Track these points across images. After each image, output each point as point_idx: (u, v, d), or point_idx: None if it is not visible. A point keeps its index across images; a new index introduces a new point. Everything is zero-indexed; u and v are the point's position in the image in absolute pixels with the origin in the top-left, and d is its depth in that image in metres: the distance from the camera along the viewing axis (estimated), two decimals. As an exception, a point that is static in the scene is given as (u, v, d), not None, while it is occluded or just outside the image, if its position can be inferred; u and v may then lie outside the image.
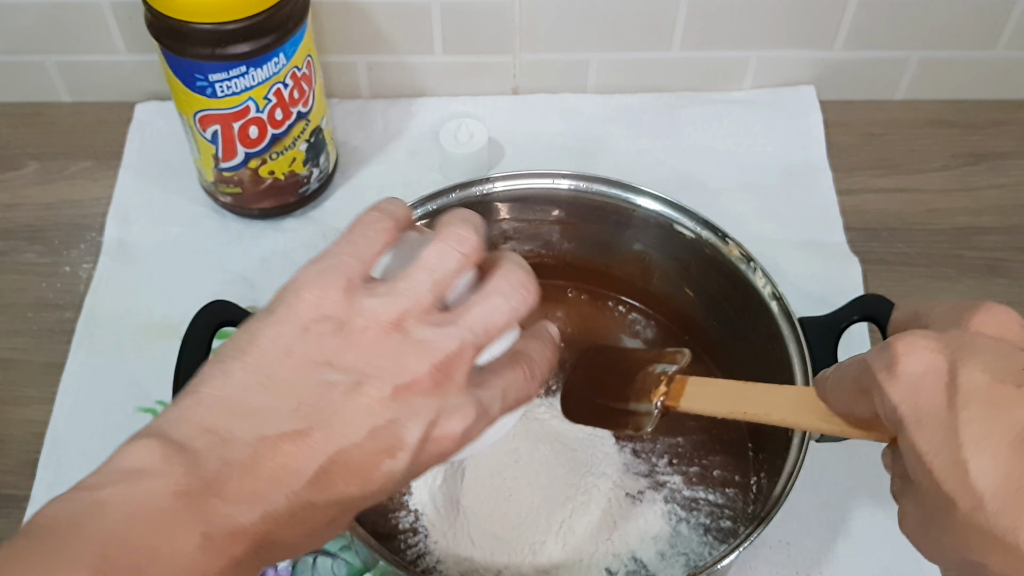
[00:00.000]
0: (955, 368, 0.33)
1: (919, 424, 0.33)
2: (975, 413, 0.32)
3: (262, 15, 0.64)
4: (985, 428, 0.32)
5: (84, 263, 0.76)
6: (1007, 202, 0.81)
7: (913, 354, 0.34)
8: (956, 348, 0.34)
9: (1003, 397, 0.32)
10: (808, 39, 0.83)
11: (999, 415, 0.32)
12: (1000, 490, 0.31)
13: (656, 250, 0.67)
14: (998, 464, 0.31)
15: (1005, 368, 0.33)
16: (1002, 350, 0.34)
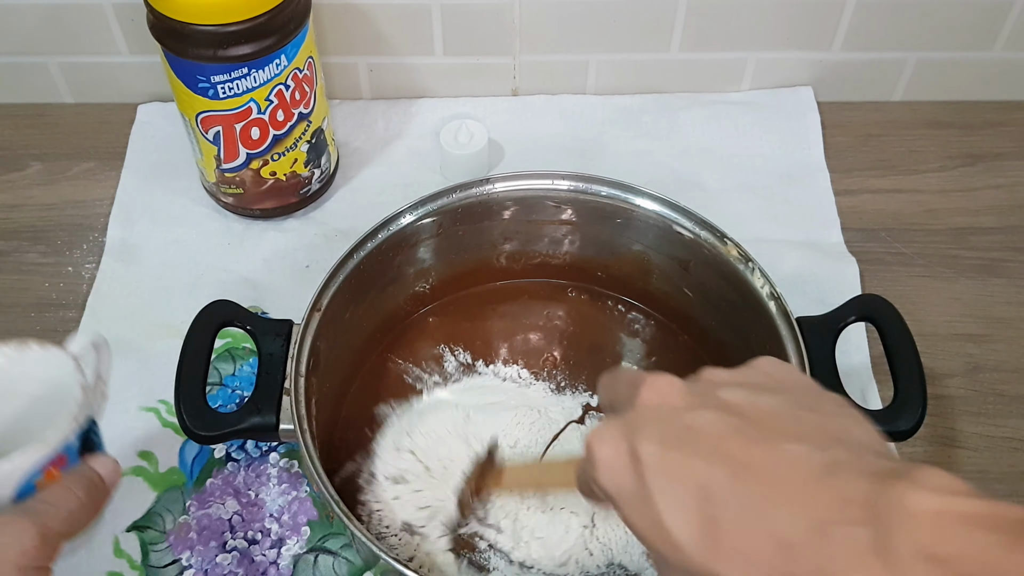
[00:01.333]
0: (634, 447, 0.38)
1: (625, 502, 0.38)
2: (660, 482, 0.37)
3: (264, 17, 0.65)
4: (669, 495, 0.36)
5: (87, 263, 0.77)
6: (1005, 202, 0.81)
7: (602, 444, 0.39)
8: (631, 428, 0.38)
9: (673, 461, 0.37)
10: (806, 40, 0.84)
11: (676, 478, 0.36)
12: (694, 542, 0.35)
13: (655, 250, 0.67)
14: (688, 521, 0.35)
15: (666, 433, 0.37)
16: (661, 415, 0.39)
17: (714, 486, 0.36)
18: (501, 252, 0.71)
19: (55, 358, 0.51)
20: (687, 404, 0.39)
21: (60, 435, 0.48)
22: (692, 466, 0.36)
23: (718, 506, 0.35)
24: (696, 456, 0.37)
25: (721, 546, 0.35)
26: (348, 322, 0.65)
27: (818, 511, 0.34)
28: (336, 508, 0.51)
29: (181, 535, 0.62)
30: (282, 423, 0.57)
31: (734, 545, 0.35)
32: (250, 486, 0.64)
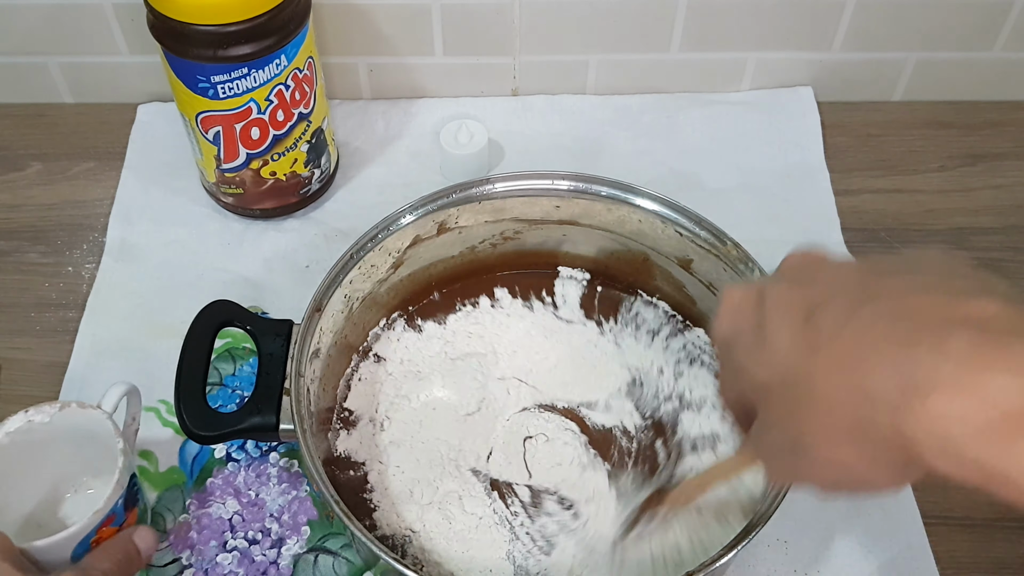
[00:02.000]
0: (763, 292, 0.39)
1: (738, 340, 0.39)
2: (775, 312, 0.37)
3: (263, 17, 0.65)
4: (782, 318, 0.37)
5: (87, 263, 0.77)
6: (1004, 202, 0.81)
7: (730, 292, 0.41)
8: (765, 282, 0.40)
9: (796, 294, 0.37)
10: (806, 40, 0.84)
11: (793, 306, 0.37)
12: (796, 351, 0.35)
13: (655, 250, 0.67)
14: (793, 336, 0.36)
15: (798, 276, 0.39)
16: (799, 268, 0.40)
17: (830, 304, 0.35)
18: (501, 252, 0.71)
19: (92, 416, 0.57)
20: (828, 261, 0.40)
21: (110, 502, 0.54)
22: (811, 294, 0.36)
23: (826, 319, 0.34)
24: (821, 287, 0.36)
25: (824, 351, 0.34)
26: (348, 321, 0.65)
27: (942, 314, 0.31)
28: (336, 508, 0.51)
29: (181, 534, 0.62)
30: (282, 423, 0.57)
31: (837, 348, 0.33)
32: (250, 486, 0.64)
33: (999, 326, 0.30)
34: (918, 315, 0.32)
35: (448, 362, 0.67)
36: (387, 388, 0.66)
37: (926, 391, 0.30)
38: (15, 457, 0.56)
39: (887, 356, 0.31)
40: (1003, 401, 0.29)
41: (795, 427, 0.35)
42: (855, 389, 0.32)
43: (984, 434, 0.29)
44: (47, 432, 0.57)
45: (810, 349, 0.34)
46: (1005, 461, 0.29)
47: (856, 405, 0.32)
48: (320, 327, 0.60)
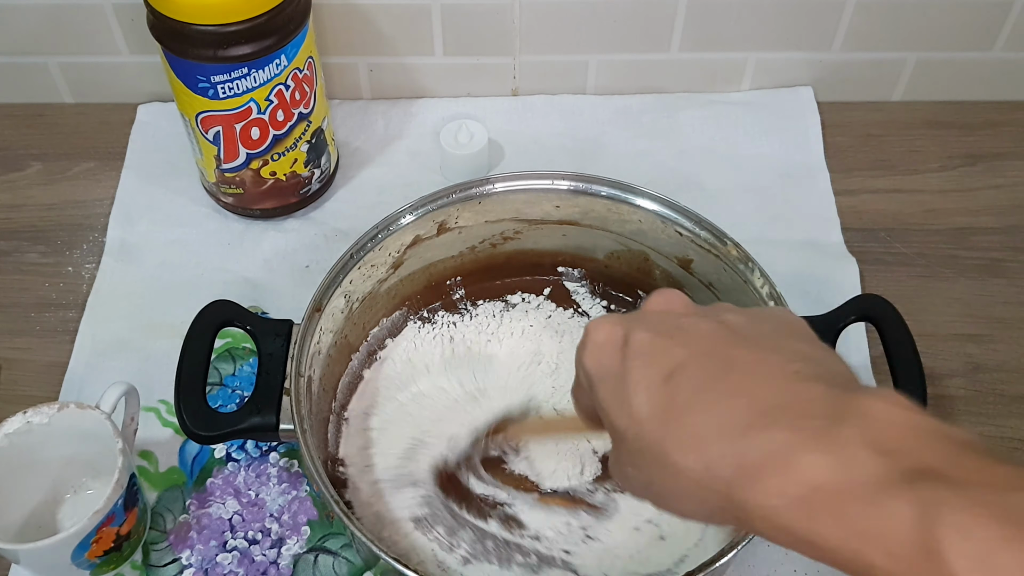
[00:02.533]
0: (628, 334, 0.41)
1: (602, 380, 0.41)
2: (637, 363, 0.40)
3: (263, 17, 0.65)
4: (643, 372, 0.39)
5: (87, 263, 0.77)
6: (1004, 202, 0.81)
7: (598, 329, 0.42)
8: (630, 321, 0.42)
9: (659, 346, 0.40)
10: (806, 41, 0.84)
11: (654, 361, 0.39)
12: (652, 415, 0.38)
13: (655, 250, 0.67)
14: (651, 397, 0.38)
15: (661, 325, 0.41)
16: (663, 316, 0.42)
17: (684, 370, 0.38)
18: (501, 252, 0.71)
19: (90, 416, 0.57)
20: (688, 312, 0.43)
21: (109, 503, 0.54)
22: (672, 352, 0.39)
23: (681, 386, 0.38)
24: (679, 346, 0.39)
25: (675, 423, 0.37)
26: (348, 321, 0.65)
27: (775, 401, 0.36)
28: (336, 508, 0.51)
29: (181, 534, 0.62)
30: (282, 423, 0.57)
31: (687, 423, 0.37)
32: (250, 486, 0.64)
33: (819, 410, 0.35)
34: (755, 400, 0.36)
35: (448, 361, 0.67)
36: (385, 387, 0.66)
37: (755, 470, 0.34)
38: (14, 458, 0.57)
39: (727, 436, 0.36)
40: (810, 477, 0.33)
41: (646, 476, 0.39)
42: (699, 461, 0.36)
43: (793, 506, 0.33)
44: (46, 433, 0.57)
45: (664, 417, 0.38)
46: (807, 528, 0.33)
47: (699, 475, 0.36)
48: (320, 327, 0.60)
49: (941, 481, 0.31)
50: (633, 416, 0.39)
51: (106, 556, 0.57)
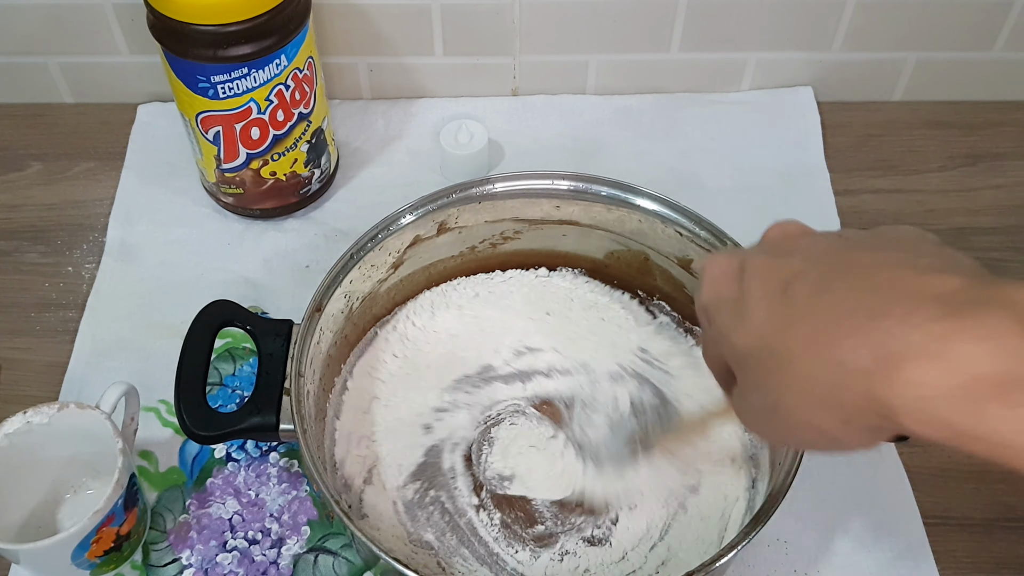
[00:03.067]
0: (744, 262, 0.40)
1: (720, 309, 0.40)
2: (755, 283, 0.39)
3: (264, 17, 0.65)
4: (761, 289, 0.38)
5: (87, 263, 0.77)
6: (1005, 202, 0.81)
7: (713, 262, 0.42)
8: (746, 251, 0.42)
9: (775, 264, 0.39)
10: (806, 41, 0.84)
11: (772, 276, 0.38)
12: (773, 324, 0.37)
13: (655, 250, 0.67)
14: (771, 307, 0.37)
15: (777, 248, 0.41)
16: (779, 240, 0.42)
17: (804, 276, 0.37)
18: (501, 252, 0.71)
19: (90, 416, 0.57)
20: (807, 232, 0.42)
21: (109, 503, 0.54)
22: (789, 265, 0.38)
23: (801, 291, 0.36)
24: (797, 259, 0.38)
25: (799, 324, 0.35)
26: (348, 321, 0.65)
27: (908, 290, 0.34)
28: (336, 508, 0.51)
29: (181, 534, 0.62)
30: (282, 423, 0.57)
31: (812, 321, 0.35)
32: (250, 486, 0.64)
33: (961, 298, 0.32)
34: (887, 289, 0.34)
35: (447, 361, 0.67)
36: (383, 385, 0.66)
37: (897, 360, 0.32)
38: (14, 459, 0.57)
39: (859, 328, 0.33)
40: (969, 366, 0.31)
41: (773, 393, 0.37)
42: (829, 359, 0.34)
43: (954, 397, 0.31)
44: (46, 433, 0.57)
45: (786, 321, 0.36)
46: (973, 421, 0.31)
47: (830, 374, 0.34)
48: (320, 327, 0.60)
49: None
50: (753, 331, 0.37)
51: (106, 556, 0.57)
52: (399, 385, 0.66)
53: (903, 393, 0.32)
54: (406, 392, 0.65)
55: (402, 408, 0.65)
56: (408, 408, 0.65)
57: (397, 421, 0.64)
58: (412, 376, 0.66)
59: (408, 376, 0.66)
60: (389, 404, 0.65)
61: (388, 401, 0.65)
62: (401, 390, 0.66)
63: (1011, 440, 0.30)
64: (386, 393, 0.65)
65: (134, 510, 0.57)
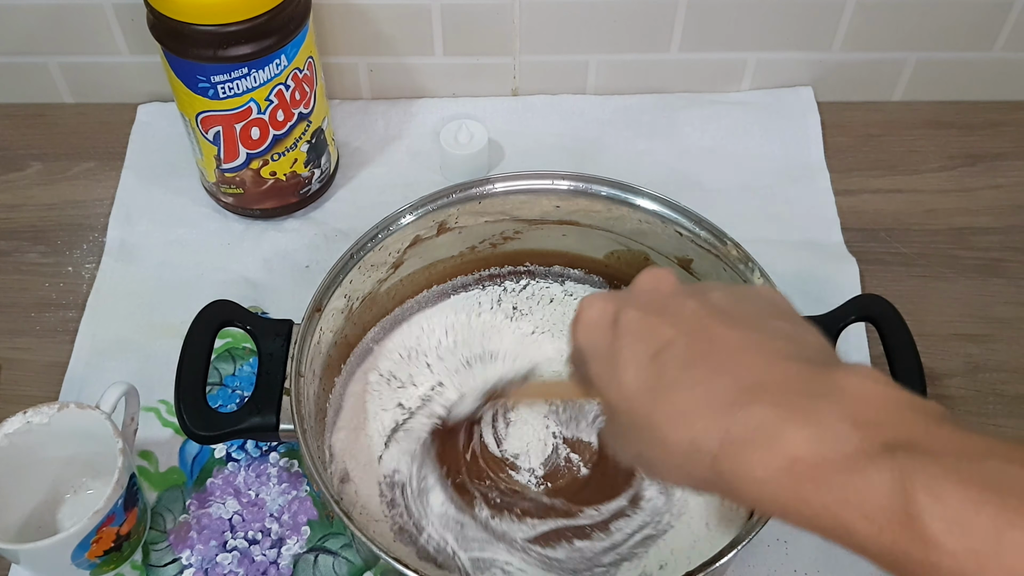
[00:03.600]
0: (618, 312, 0.43)
1: (593, 357, 0.44)
2: (627, 341, 0.42)
3: (264, 17, 0.65)
4: (632, 350, 0.41)
5: (87, 263, 0.77)
6: (1004, 202, 0.81)
7: (591, 307, 0.45)
8: (621, 299, 0.44)
9: (647, 325, 0.42)
10: (806, 41, 0.84)
11: (643, 339, 0.41)
12: (641, 391, 0.40)
13: (655, 250, 0.67)
14: (639, 373, 0.41)
15: (650, 305, 0.43)
16: (652, 295, 0.44)
17: (671, 348, 0.40)
18: (501, 252, 0.71)
19: (90, 416, 0.57)
20: (677, 292, 0.44)
21: (109, 503, 0.54)
22: (660, 331, 0.41)
23: (668, 364, 0.40)
24: (668, 324, 0.41)
25: (663, 399, 0.39)
26: (348, 321, 0.65)
27: (757, 378, 0.38)
28: (336, 508, 0.51)
29: (181, 534, 0.62)
30: (282, 423, 0.57)
31: (675, 399, 0.39)
32: (250, 486, 0.64)
33: (797, 387, 0.37)
34: (739, 377, 0.38)
35: (447, 360, 0.67)
36: (383, 386, 0.66)
37: (738, 445, 0.36)
38: (14, 459, 0.57)
39: (712, 415, 0.38)
40: (791, 450, 0.35)
41: (636, 447, 0.42)
42: (686, 437, 0.38)
43: (779, 479, 0.35)
44: (46, 433, 0.57)
45: (652, 392, 0.40)
46: (794, 499, 0.35)
47: (686, 450, 0.38)
48: (320, 327, 0.60)
49: (916, 451, 0.33)
50: (623, 392, 0.41)
51: (106, 556, 0.57)
52: (398, 385, 0.66)
53: (740, 474, 0.36)
54: (404, 392, 0.66)
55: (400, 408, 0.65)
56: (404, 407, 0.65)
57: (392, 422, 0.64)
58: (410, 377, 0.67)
59: (406, 377, 0.67)
60: (387, 406, 0.65)
61: (386, 403, 0.65)
62: (400, 390, 0.66)
63: (823, 514, 0.34)
64: (385, 393, 0.66)
65: (134, 510, 0.57)
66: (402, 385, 0.66)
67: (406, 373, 0.67)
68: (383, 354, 0.68)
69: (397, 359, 0.68)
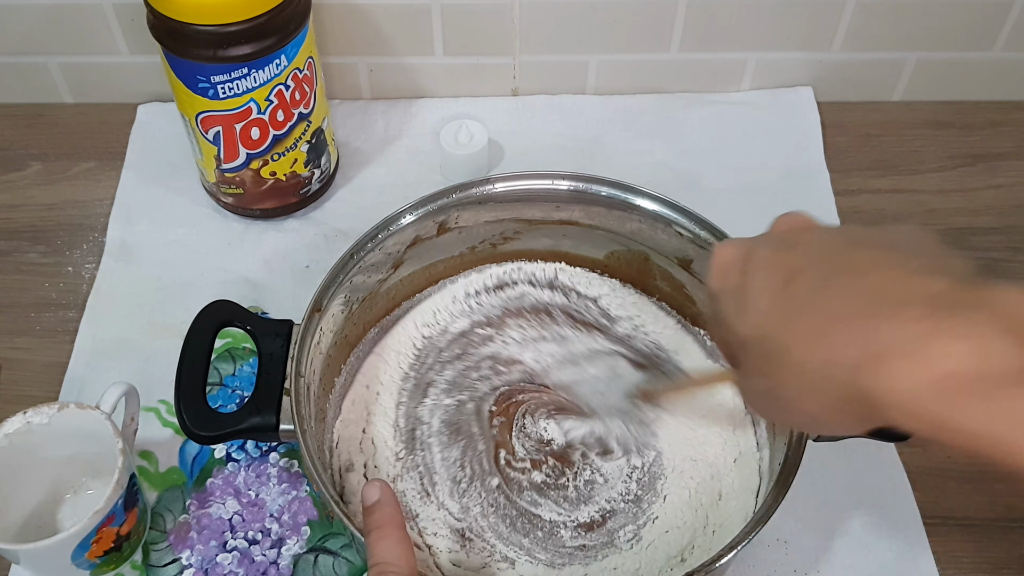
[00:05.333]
0: (750, 252, 0.43)
1: (725, 295, 0.43)
2: (758, 274, 0.41)
3: (264, 17, 0.65)
4: (764, 281, 0.41)
5: (87, 263, 0.77)
6: (1004, 202, 0.81)
7: (723, 249, 0.45)
8: (754, 241, 0.44)
9: (779, 258, 0.41)
10: (806, 41, 0.84)
11: (775, 269, 0.41)
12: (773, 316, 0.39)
13: (655, 250, 0.67)
14: (772, 299, 0.40)
15: (783, 242, 0.42)
16: (784, 233, 0.44)
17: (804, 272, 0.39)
18: (501, 252, 0.71)
19: (90, 416, 0.57)
20: (810, 227, 0.43)
21: (109, 503, 0.54)
22: (792, 260, 0.40)
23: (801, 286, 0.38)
24: (799, 254, 0.40)
25: (796, 318, 0.38)
26: (348, 321, 0.65)
27: (898, 291, 0.36)
28: (336, 508, 0.51)
29: (181, 534, 0.62)
30: (282, 423, 0.57)
31: (808, 316, 0.37)
32: (250, 486, 0.64)
33: (944, 300, 0.35)
34: (878, 289, 0.37)
35: (448, 360, 0.67)
36: (383, 384, 0.66)
37: (881, 357, 0.35)
38: (14, 459, 0.57)
39: (849, 326, 0.36)
40: (945, 363, 0.33)
41: (771, 380, 0.40)
42: (822, 354, 0.37)
43: (930, 391, 0.33)
44: (46, 433, 0.57)
45: (785, 315, 0.39)
46: (948, 413, 0.33)
47: (823, 367, 0.37)
48: (320, 327, 0.60)
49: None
50: (755, 321, 0.40)
51: (106, 556, 0.57)
52: (398, 386, 0.66)
53: (885, 387, 0.34)
54: (404, 392, 0.66)
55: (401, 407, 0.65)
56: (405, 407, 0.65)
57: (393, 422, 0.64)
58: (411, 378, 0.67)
59: (407, 378, 0.67)
60: (387, 410, 0.65)
61: (386, 406, 0.65)
62: (400, 391, 0.66)
63: (983, 431, 0.32)
64: (386, 394, 0.66)
65: (134, 510, 0.57)
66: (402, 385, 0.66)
67: (406, 373, 0.67)
68: (383, 354, 0.68)
69: (397, 359, 0.68)
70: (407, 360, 0.67)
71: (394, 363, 0.67)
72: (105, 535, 0.55)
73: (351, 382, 0.66)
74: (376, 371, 0.67)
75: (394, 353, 0.68)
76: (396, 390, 0.66)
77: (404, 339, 0.68)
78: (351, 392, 0.66)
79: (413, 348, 0.68)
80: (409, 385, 0.66)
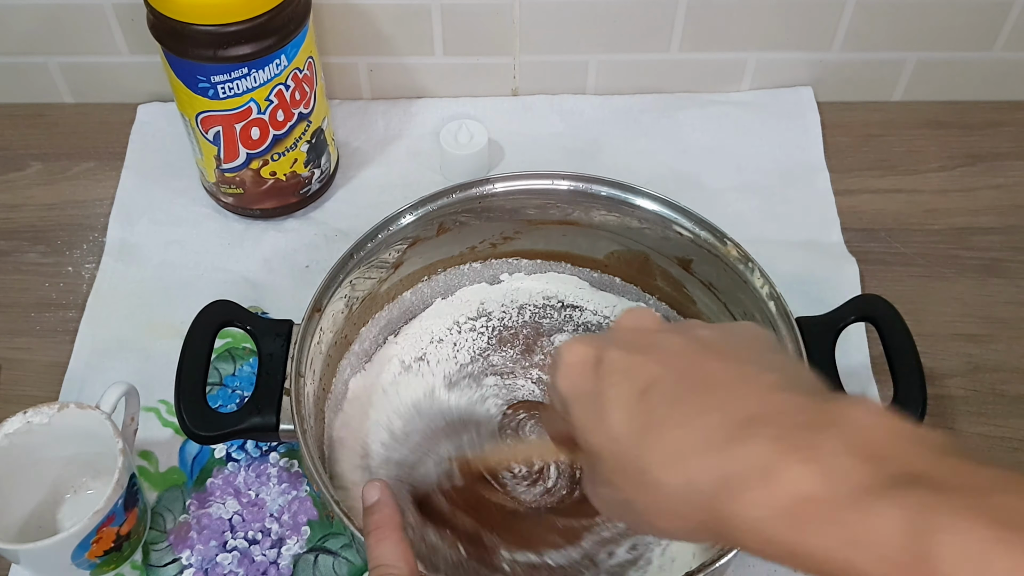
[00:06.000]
0: (600, 353, 0.41)
1: (576, 400, 0.41)
2: (612, 380, 0.39)
3: (264, 17, 0.65)
4: (619, 389, 0.39)
5: (87, 263, 0.77)
6: (1004, 202, 0.81)
7: (571, 350, 0.42)
8: (602, 340, 0.42)
9: (633, 363, 0.39)
10: (806, 41, 0.84)
11: (629, 377, 0.39)
12: (629, 431, 0.38)
13: (655, 250, 0.67)
14: (628, 413, 0.38)
15: (634, 343, 0.41)
16: (635, 333, 0.42)
17: (660, 384, 0.38)
18: (501, 252, 0.71)
19: (90, 416, 0.57)
20: (660, 328, 0.43)
21: (109, 503, 0.54)
22: (646, 368, 0.39)
23: (658, 401, 0.38)
24: (654, 361, 0.39)
25: (653, 438, 0.37)
26: (348, 321, 0.65)
27: (753, 412, 0.36)
28: (336, 508, 0.51)
29: (181, 534, 0.62)
30: (282, 423, 0.57)
31: (666, 438, 0.37)
32: (250, 486, 0.64)
33: (796, 420, 0.35)
34: (733, 410, 0.36)
35: (450, 362, 0.67)
36: (384, 383, 0.66)
37: (736, 483, 0.34)
38: (14, 459, 0.57)
39: (706, 453, 0.35)
40: (795, 488, 0.33)
41: (625, 494, 0.39)
42: (680, 479, 0.36)
43: (783, 519, 0.33)
44: (46, 433, 0.57)
45: (642, 432, 0.37)
46: (797, 539, 0.32)
47: (681, 492, 0.36)
48: (320, 327, 0.60)
49: (927, 485, 0.31)
50: (610, 433, 0.38)
51: (106, 556, 0.57)
52: (399, 386, 0.66)
53: (740, 514, 0.34)
54: (404, 392, 0.66)
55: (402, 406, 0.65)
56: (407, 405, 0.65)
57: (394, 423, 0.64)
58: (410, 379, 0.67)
59: (407, 379, 0.67)
60: (386, 409, 0.65)
61: (385, 406, 0.65)
62: (400, 391, 0.66)
63: (830, 556, 0.32)
64: (385, 394, 0.66)
65: (134, 510, 0.57)
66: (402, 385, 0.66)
67: (406, 373, 0.67)
68: (383, 354, 0.68)
69: (397, 359, 0.68)
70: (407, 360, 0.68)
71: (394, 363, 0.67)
72: (105, 535, 0.55)
73: (351, 382, 0.66)
74: (376, 371, 0.67)
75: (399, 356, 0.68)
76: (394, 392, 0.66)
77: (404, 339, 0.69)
78: (351, 392, 0.66)
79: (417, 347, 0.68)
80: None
